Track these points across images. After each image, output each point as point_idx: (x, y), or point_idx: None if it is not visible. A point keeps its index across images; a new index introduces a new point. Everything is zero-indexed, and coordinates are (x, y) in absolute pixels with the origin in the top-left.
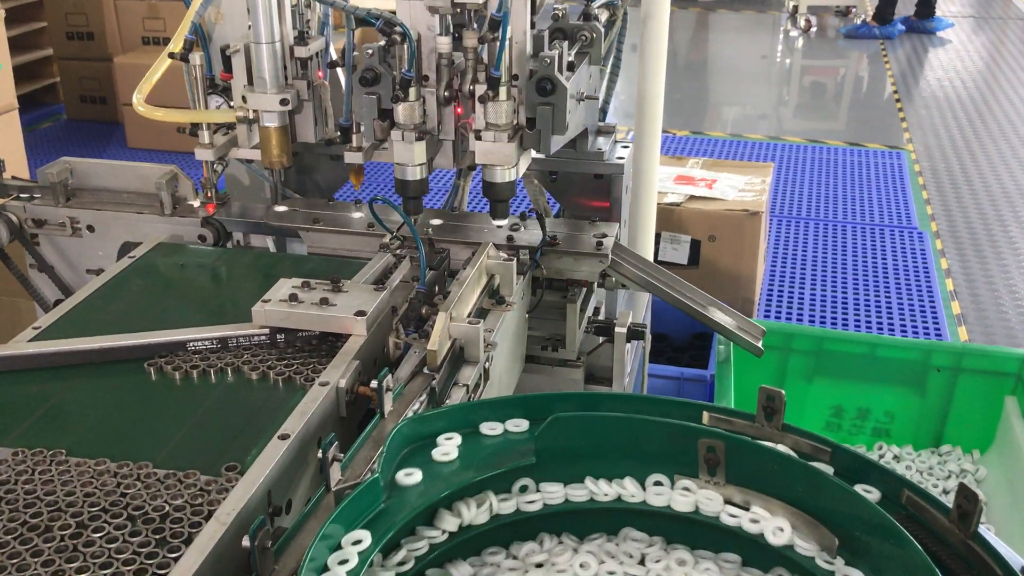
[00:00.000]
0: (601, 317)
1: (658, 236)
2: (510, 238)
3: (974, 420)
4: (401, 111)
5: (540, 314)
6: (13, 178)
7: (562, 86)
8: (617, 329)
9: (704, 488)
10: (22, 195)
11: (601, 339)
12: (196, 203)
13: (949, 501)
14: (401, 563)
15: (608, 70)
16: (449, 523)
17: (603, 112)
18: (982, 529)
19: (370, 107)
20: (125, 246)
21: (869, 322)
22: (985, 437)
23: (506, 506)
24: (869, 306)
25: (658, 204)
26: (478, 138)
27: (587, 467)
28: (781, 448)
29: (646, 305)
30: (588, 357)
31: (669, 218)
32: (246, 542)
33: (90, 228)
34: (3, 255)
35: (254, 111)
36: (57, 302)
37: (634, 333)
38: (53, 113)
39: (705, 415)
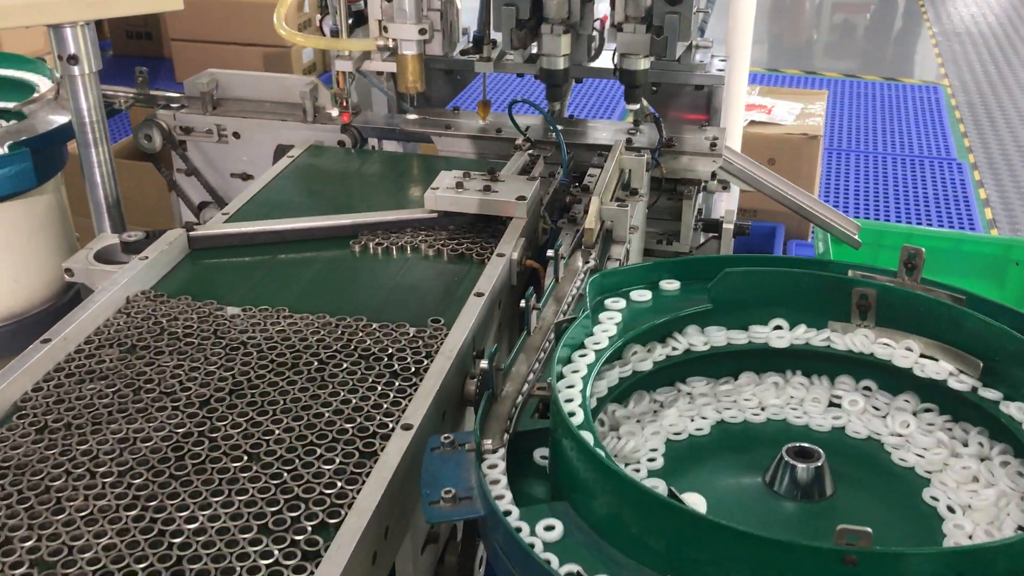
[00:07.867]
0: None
1: None
2: (628, 140)
3: None
4: (554, 5)
5: (652, 214)
6: (158, 90)
7: None
8: (725, 225)
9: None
10: (172, 104)
11: (709, 235)
12: (334, 112)
13: None
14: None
15: None
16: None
17: (699, 29)
18: None
19: (508, 17)
20: (279, 149)
21: None
22: None
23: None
24: None
25: None
26: (619, 29)
27: (752, 316)
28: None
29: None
30: (697, 252)
31: None
32: (484, 364)
33: (235, 135)
34: (154, 159)
35: (393, 40)
36: (202, 204)
37: (739, 229)
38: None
39: (851, 272)
